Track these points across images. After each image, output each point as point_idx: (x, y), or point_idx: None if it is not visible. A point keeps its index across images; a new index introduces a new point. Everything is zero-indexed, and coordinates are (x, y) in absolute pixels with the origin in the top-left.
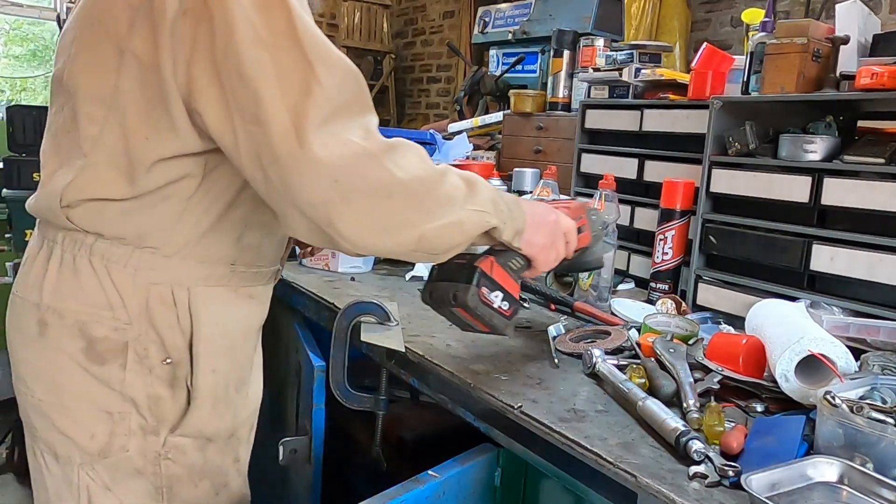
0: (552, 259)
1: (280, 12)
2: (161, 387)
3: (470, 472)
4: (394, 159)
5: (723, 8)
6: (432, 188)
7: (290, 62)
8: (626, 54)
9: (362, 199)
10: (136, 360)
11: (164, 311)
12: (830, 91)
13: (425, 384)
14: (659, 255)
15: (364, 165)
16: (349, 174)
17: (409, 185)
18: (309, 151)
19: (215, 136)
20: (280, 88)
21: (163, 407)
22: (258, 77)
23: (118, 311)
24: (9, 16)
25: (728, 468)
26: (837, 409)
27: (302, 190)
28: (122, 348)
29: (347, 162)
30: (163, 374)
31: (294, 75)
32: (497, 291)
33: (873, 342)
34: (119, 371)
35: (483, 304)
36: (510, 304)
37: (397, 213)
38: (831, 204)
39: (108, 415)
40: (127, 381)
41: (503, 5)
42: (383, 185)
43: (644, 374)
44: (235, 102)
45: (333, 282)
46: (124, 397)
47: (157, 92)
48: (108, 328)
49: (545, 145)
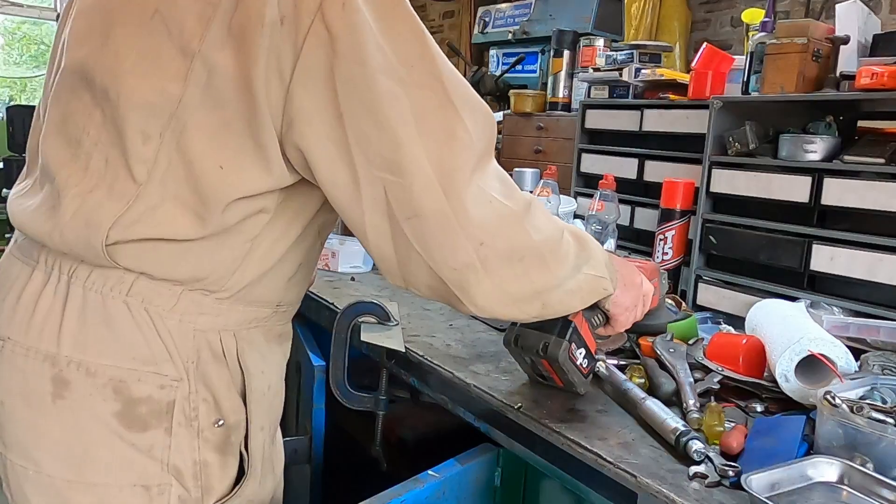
0: (630, 321)
1: (412, 37)
2: (209, 452)
3: (470, 472)
4: (531, 219)
5: (723, 8)
6: (557, 248)
7: (432, 102)
8: (626, 54)
9: (503, 266)
10: (184, 422)
11: (218, 367)
12: (830, 91)
13: (425, 384)
14: (659, 255)
15: (509, 228)
16: (494, 238)
17: (542, 247)
18: (460, 209)
19: (321, 177)
20: (422, 133)
21: (209, 474)
22: (396, 117)
23: (164, 366)
24: (9, 16)
25: (728, 468)
26: (837, 409)
27: (443, 250)
28: (167, 409)
29: (495, 224)
30: (212, 437)
31: (436, 118)
32: (581, 348)
33: (873, 342)
34: (164, 437)
35: (570, 359)
36: (589, 361)
37: (530, 282)
38: (831, 204)
39: (146, 490)
40: (173, 448)
41: (503, 5)
42: (521, 249)
43: (644, 374)
44: (362, 144)
45: (333, 282)
46: (166, 467)
47: (238, 113)
48: (152, 386)
49: (545, 145)
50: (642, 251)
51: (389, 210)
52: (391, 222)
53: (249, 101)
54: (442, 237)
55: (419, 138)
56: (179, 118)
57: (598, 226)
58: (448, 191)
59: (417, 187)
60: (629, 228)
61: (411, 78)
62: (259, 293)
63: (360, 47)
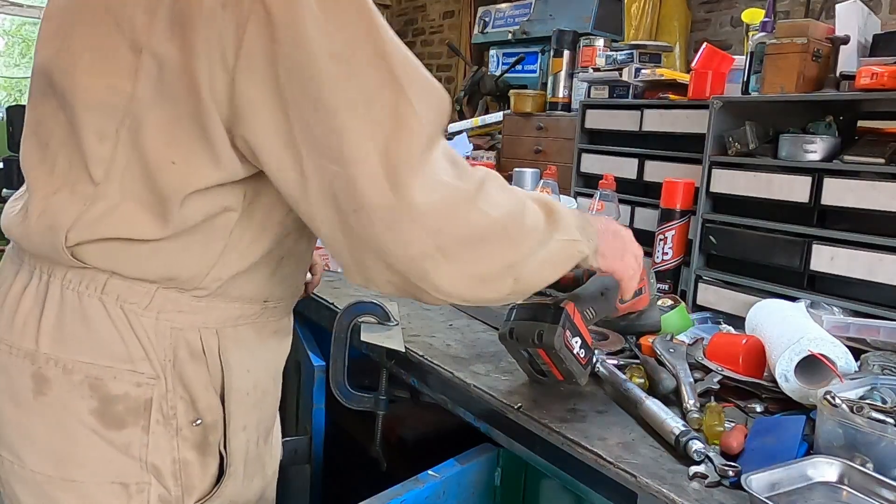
0: (631, 272)
1: (357, 18)
2: (189, 451)
3: (470, 472)
4: (485, 196)
5: (723, 8)
6: (520, 221)
7: (378, 87)
8: (626, 54)
9: (463, 250)
10: (162, 420)
11: (195, 366)
12: (830, 91)
13: (425, 384)
14: (659, 255)
15: (464, 211)
16: (450, 223)
17: (502, 223)
18: (407, 202)
19: (269, 168)
20: (367, 121)
21: (189, 473)
22: (338, 104)
23: (140, 364)
24: (9, 16)
25: (728, 468)
26: (837, 409)
27: (396, 244)
28: (144, 407)
29: (448, 209)
30: (191, 436)
31: (383, 104)
32: (577, 337)
33: (873, 342)
34: (141, 435)
35: (566, 347)
36: (586, 351)
37: (495, 260)
38: (831, 204)
39: (124, 487)
40: (151, 446)
41: (503, 5)
42: (480, 230)
43: (644, 374)
44: (306, 133)
45: (333, 282)
46: (145, 465)
47: (186, 106)
48: (128, 384)
49: (545, 145)
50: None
51: (336, 203)
52: (341, 217)
53: (195, 93)
54: (392, 230)
55: (364, 126)
56: (134, 115)
57: None
58: (395, 182)
59: (362, 179)
60: (629, 228)
61: (356, 61)
62: (241, 290)
63: (302, 31)
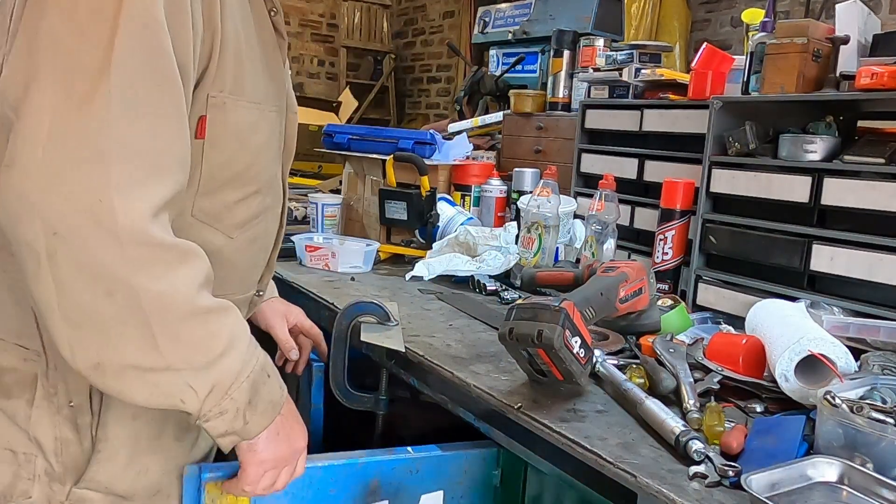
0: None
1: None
2: (68, 431)
3: (452, 461)
4: (166, 264)
5: (723, 8)
6: (184, 314)
7: (88, 58)
8: (626, 54)
9: (71, 274)
10: (45, 396)
11: None
12: (830, 91)
13: (425, 384)
14: (659, 255)
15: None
16: (74, 241)
17: (154, 298)
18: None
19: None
20: (56, 83)
21: (70, 452)
22: (41, 55)
23: (28, 340)
24: None
25: (728, 468)
26: (837, 409)
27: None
28: (30, 382)
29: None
30: (70, 415)
31: (83, 78)
32: (577, 337)
33: (873, 342)
34: (26, 407)
35: (565, 346)
36: (586, 351)
37: (103, 315)
38: (831, 204)
39: (13, 454)
40: (34, 420)
41: (503, 5)
42: (109, 277)
43: (644, 375)
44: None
45: (333, 282)
46: (30, 437)
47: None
48: (16, 358)
49: (545, 145)
50: (642, 251)
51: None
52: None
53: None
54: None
55: (50, 93)
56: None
57: (598, 226)
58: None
59: (21, 136)
60: (629, 228)
61: (85, 26)
62: None
63: None
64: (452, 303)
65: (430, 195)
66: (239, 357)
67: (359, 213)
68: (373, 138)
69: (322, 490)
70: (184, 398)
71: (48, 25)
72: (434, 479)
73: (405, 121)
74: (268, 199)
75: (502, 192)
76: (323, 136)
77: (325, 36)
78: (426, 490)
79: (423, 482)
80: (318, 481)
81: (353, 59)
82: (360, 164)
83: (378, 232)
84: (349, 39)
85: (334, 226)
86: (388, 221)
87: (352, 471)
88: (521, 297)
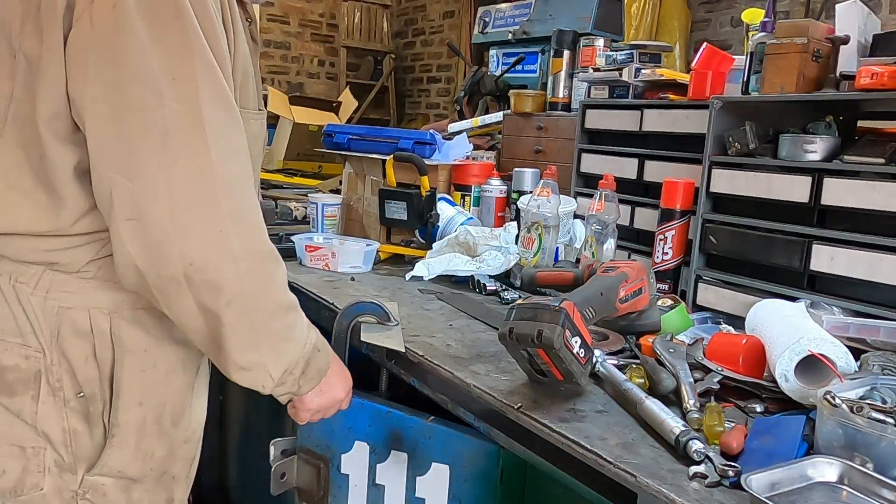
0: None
1: (183, 52)
2: (77, 421)
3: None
4: (273, 271)
5: (723, 8)
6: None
7: (183, 121)
8: (626, 54)
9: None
10: (50, 391)
11: (78, 342)
12: (830, 91)
13: (425, 384)
14: (659, 255)
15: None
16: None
17: (272, 296)
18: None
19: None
20: (164, 148)
21: (80, 443)
22: (139, 127)
23: (28, 338)
24: None
25: (728, 468)
26: (837, 409)
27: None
28: (34, 378)
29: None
30: (78, 407)
31: (181, 139)
32: (577, 337)
33: (873, 342)
34: (31, 403)
35: (565, 346)
36: (586, 351)
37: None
38: (831, 204)
39: (21, 450)
40: (40, 415)
41: (503, 5)
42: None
43: (644, 374)
44: (101, 145)
45: (333, 282)
46: (38, 432)
47: (50, 96)
48: (17, 356)
49: (545, 145)
50: (642, 251)
51: (111, 207)
52: (109, 219)
53: (51, 84)
54: (155, 244)
55: (158, 151)
56: (16, 114)
57: (598, 226)
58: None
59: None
60: (629, 228)
61: (170, 91)
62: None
63: (119, 50)
64: (452, 303)
65: (430, 195)
66: (300, 342)
67: (359, 213)
68: (373, 138)
69: (362, 421)
70: (265, 384)
71: (132, 93)
72: (443, 452)
73: (405, 121)
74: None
75: (502, 192)
76: (323, 136)
77: (325, 36)
78: (437, 459)
79: (434, 450)
80: (360, 413)
81: (353, 59)
82: (360, 164)
83: (378, 232)
84: (349, 39)
85: (334, 226)
86: (388, 221)
87: (382, 414)
88: (521, 297)
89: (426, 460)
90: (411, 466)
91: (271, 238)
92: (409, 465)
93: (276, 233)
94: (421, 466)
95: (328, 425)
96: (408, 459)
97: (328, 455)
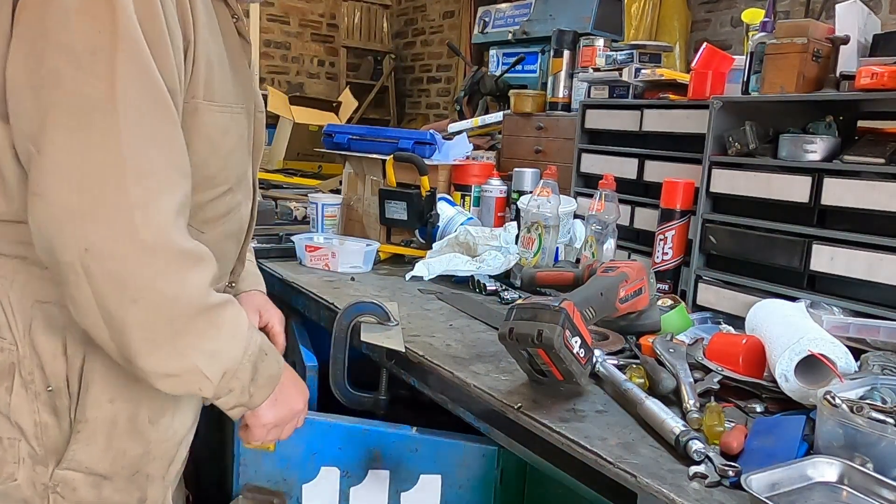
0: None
1: (107, 27)
2: (48, 415)
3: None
4: (190, 270)
5: (723, 8)
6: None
7: (96, 98)
8: (626, 54)
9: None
10: (22, 384)
11: (49, 336)
12: (830, 91)
13: (425, 384)
14: (659, 255)
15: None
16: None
17: (193, 301)
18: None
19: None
20: (71, 126)
21: (49, 436)
22: (51, 100)
23: (3, 330)
24: None
25: (728, 468)
26: (837, 409)
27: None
28: (8, 370)
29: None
30: (48, 401)
31: (93, 117)
32: (577, 337)
33: (873, 342)
34: (5, 395)
35: (565, 346)
36: (586, 351)
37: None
38: (831, 204)
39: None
40: (13, 406)
41: (503, 5)
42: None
43: (644, 375)
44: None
45: (333, 282)
46: (12, 423)
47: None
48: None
49: (545, 145)
50: (642, 251)
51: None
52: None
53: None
54: (53, 226)
55: (68, 126)
56: None
57: (598, 226)
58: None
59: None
60: (629, 228)
61: (88, 66)
62: None
63: (45, 19)
64: (452, 303)
65: (430, 195)
66: (240, 343)
67: (359, 213)
68: (373, 138)
69: (331, 445)
70: (202, 387)
71: (51, 64)
72: (433, 462)
73: (405, 121)
74: (238, 196)
75: (502, 192)
76: (323, 136)
77: (325, 36)
78: (425, 471)
79: (422, 462)
80: (328, 436)
81: (353, 59)
82: (360, 164)
83: (378, 232)
84: (349, 39)
85: (334, 226)
86: (388, 221)
87: (357, 434)
88: (521, 297)
89: (412, 473)
90: (395, 482)
91: (271, 238)
92: (392, 481)
93: (276, 233)
94: (406, 481)
95: (281, 453)
96: (390, 476)
97: (284, 488)
